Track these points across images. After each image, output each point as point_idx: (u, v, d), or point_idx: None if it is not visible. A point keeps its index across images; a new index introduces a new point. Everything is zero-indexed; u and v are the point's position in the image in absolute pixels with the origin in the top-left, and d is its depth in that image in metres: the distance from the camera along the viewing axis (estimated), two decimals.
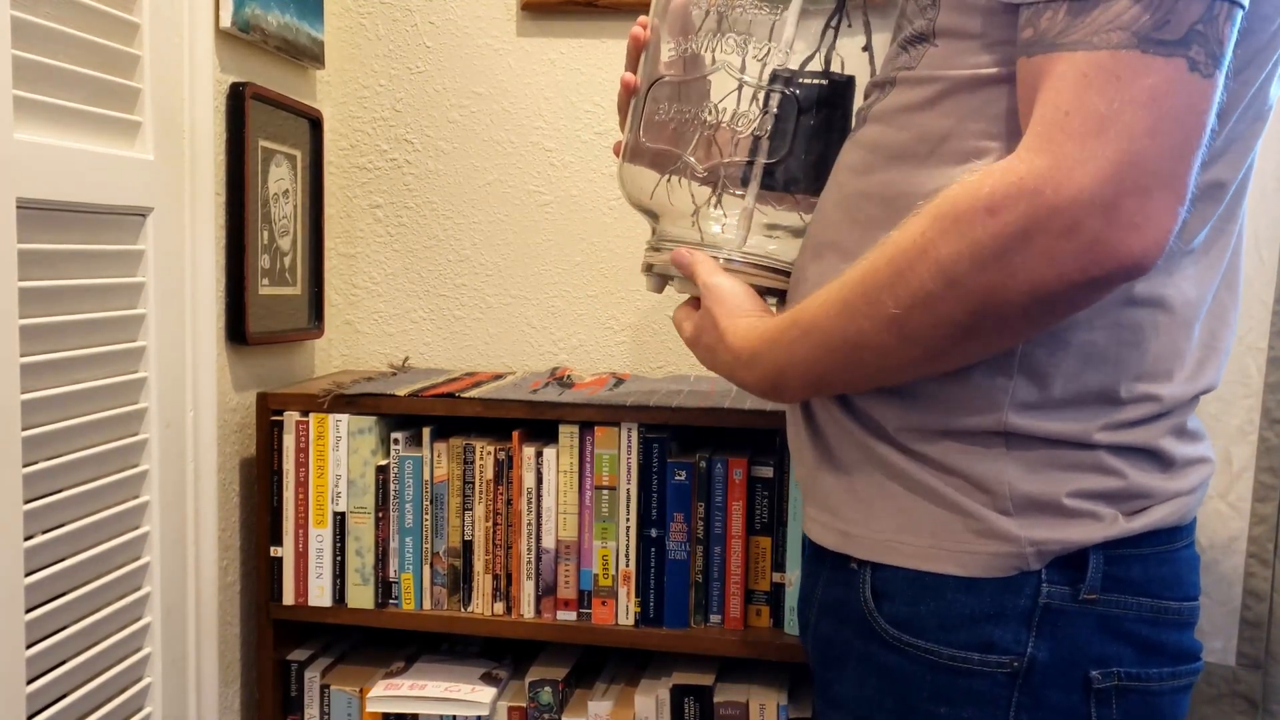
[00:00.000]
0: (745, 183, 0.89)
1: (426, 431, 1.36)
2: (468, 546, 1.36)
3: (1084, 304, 0.66)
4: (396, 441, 1.36)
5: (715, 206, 0.89)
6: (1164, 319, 0.73)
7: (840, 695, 0.81)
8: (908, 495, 0.76)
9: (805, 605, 0.91)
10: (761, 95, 0.88)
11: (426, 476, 1.35)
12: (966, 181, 0.64)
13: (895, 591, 0.77)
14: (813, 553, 0.88)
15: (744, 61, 0.89)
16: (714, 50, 0.88)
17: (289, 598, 1.38)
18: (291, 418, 1.36)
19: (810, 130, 0.87)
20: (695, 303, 0.89)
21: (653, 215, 0.95)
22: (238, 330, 1.37)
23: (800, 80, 0.87)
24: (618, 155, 0.96)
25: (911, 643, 0.75)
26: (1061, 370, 0.72)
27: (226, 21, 1.31)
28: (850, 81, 0.89)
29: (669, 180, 0.90)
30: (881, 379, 0.75)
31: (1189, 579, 0.78)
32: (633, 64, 0.95)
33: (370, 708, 1.39)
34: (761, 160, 0.88)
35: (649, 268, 0.95)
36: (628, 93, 0.94)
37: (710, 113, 0.88)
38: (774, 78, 0.87)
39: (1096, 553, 0.73)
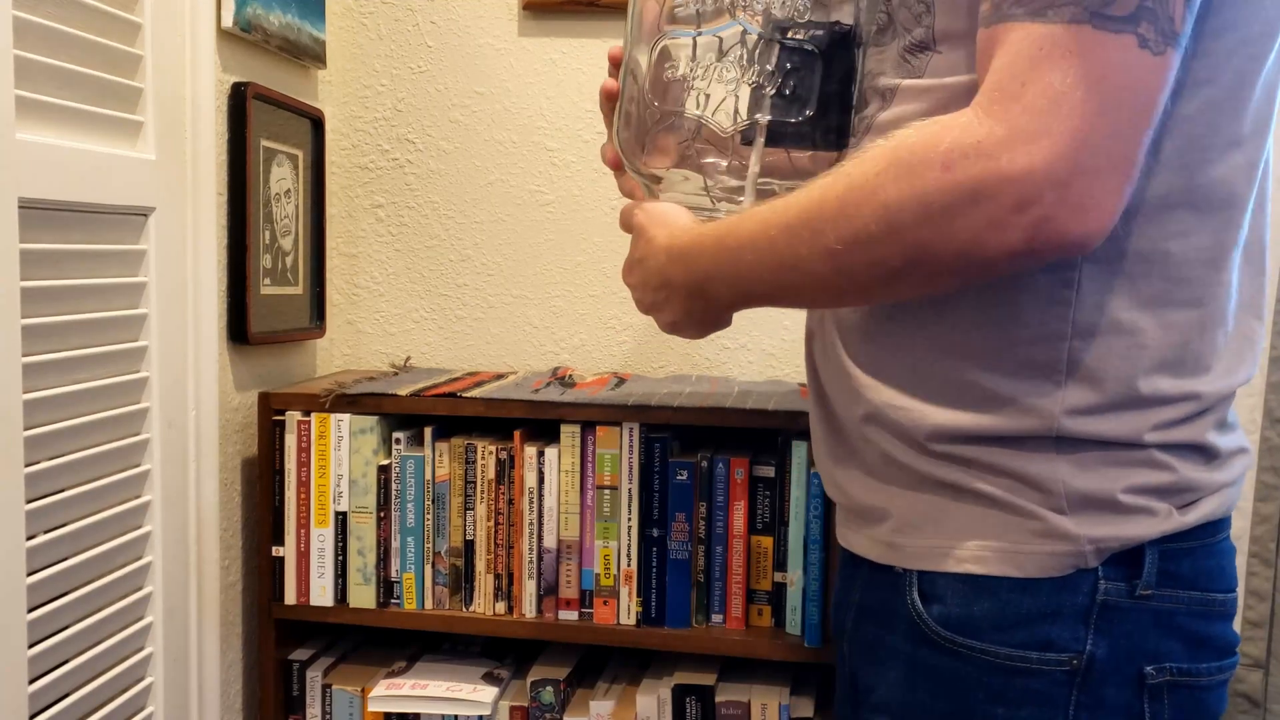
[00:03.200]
0: (748, 142, 0.87)
1: (428, 431, 1.36)
2: (469, 546, 1.36)
3: (1010, 271, 0.67)
4: (398, 441, 1.36)
5: (720, 171, 0.88)
6: (1203, 316, 0.73)
7: (887, 700, 0.80)
8: (954, 503, 0.75)
9: (841, 610, 0.89)
10: (762, 46, 0.85)
11: (428, 476, 1.36)
12: (926, 131, 0.65)
13: (945, 594, 0.76)
14: (848, 557, 0.87)
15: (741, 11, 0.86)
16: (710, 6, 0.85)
17: (291, 597, 1.38)
18: (293, 417, 1.36)
19: (815, 81, 0.84)
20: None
21: (655, 179, 0.93)
22: (239, 330, 1.37)
23: (801, 32, 0.84)
24: (606, 162, 0.95)
25: (966, 644, 0.74)
26: (1111, 373, 0.72)
27: (228, 21, 1.31)
28: (850, 32, 0.85)
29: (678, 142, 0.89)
30: (804, 302, 0.79)
31: (1230, 570, 0.78)
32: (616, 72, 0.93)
33: (372, 707, 1.39)
34: (764, 116, 0.85)
35: None
36: (609, 100, 0.92)
37: (710, 70, 0.86)
38: (774, 28, 0.83)
39: (1152, 548, 0.73)
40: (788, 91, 0.84)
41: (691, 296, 0.81)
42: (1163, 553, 0.73)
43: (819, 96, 0.83)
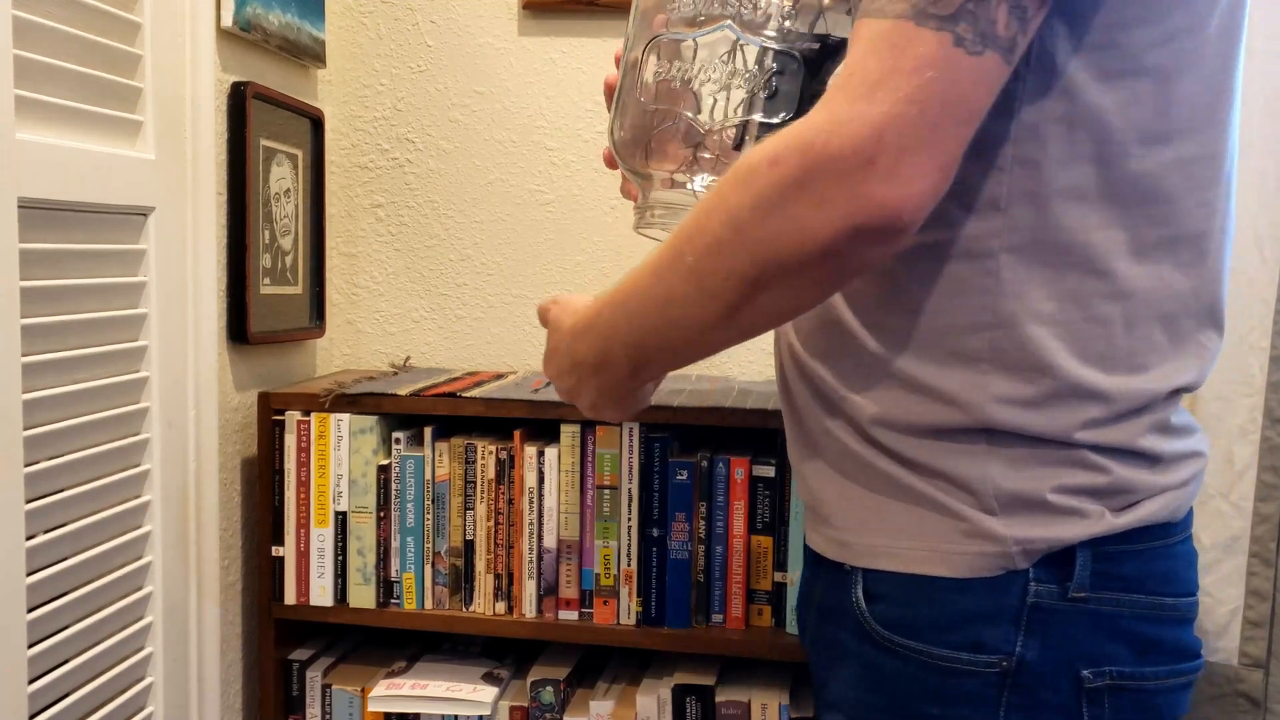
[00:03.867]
0: (739, 146, 0.88)
1: (428, 431, 1.36)
2: (469, 546, 1.36)
3: (856, 260, 0.68)
4: (398, 441, 1.36)
5: (707, 170, 0.90)
6: (1129, 310, 0.73)
7: (837, 697, 0.82)
8: (895, 501, 0.77)
9: (804, 608, 0.91)
10: (754, 52, 0.86)
11: (428, 476, 1.35)
12: (760, 143, 0.69)
13: (887, 593, 0.77)
14: (812, 556, 0.88)
15: (737, 17, 0.88)
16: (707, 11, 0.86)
17: (290, 597, 1.38)
18: (293, 417, 1.36)
19: (805, 89, 0.86)
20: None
21: (645, 178, 0.94)
22: (239, 330, 1.37)
23: (793, 42, 0.86)
24: (609, 164, 0.96)
25: (904, 644, 0.75)
26: (1034, 363, 0.72)
27: (228, 21, 1.31)
28: (842, 44, 0.85)
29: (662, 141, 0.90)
30: (693, 341, 0.77)
31: (1186, 574, 0.77)
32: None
33: (372, 707, 1.39)
34: (757, 118, 0.86)
35: (640, 226, 0.95)
36: (610, 95, 0.95)
37: (704, 72, 0.88)
38: (767, 36, 0.85)
39: (1084, 550, 0.72)
40: (772, 95, 0.85)
41: (598, 371, 0.83)
42: (1098, 555, 0.73)
43: (800, 100, 0.84)
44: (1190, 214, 0.73)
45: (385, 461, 1.37)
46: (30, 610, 1.00)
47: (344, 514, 1.37)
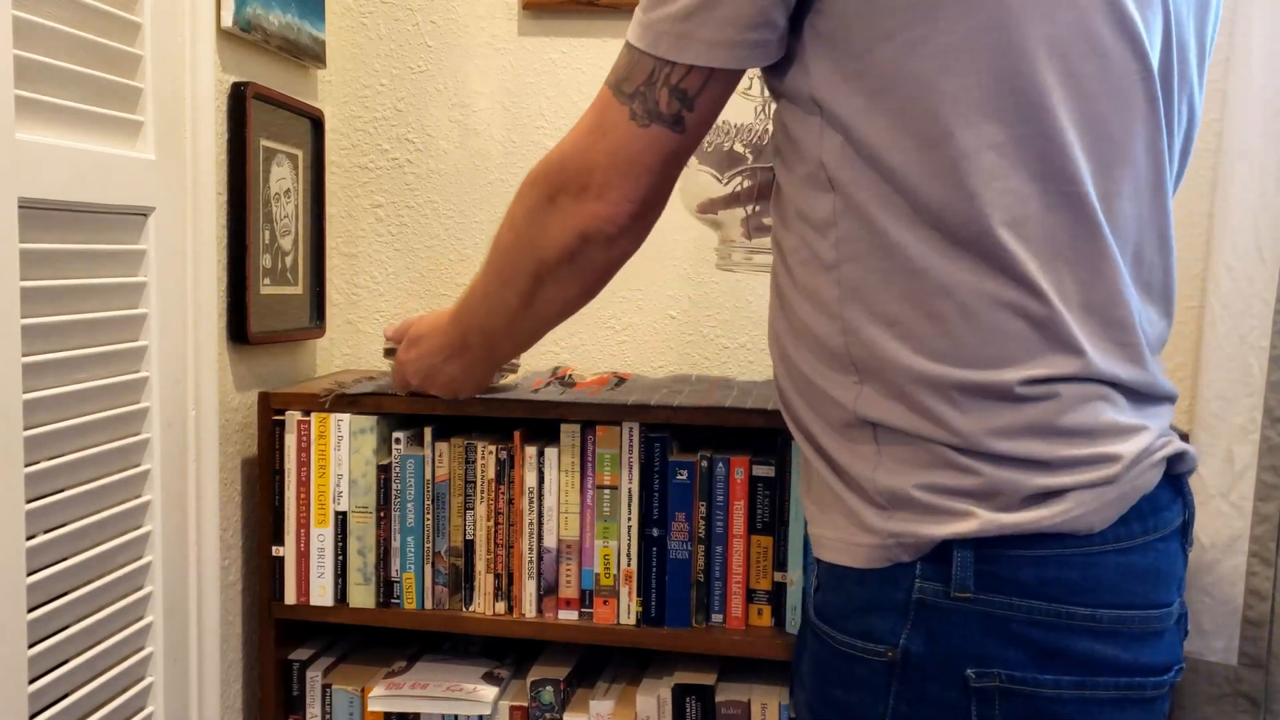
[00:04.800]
0: (760, 195, 1.15)
1: (428, 431, 1.36)
2: (469, 546, 1.36)
3: (590, 260, 0.92)
4: (398, 441, 1.36)
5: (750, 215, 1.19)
6: (958, 306, 0.74)
7: (800, 675, 0.88)
8: (826, 494, 0.83)
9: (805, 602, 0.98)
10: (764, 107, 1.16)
11: (428, 476, 1.35)
12: (534, 166, 0.92)
13: (822, 583, 0.84)
14: None
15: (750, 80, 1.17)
16: None
17: (291, 597, 1.38)
18: (293, 417, 1.36)
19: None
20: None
21: (716, 225, 1.26)
22: (239, 330, 1.37)
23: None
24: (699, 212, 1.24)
25: (823, 629, 0.82)
26: (887, 361, 0.77)
27: (228, 21, 1.31)
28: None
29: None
30: (509, 328, 1.04)
31: (1117, 586, 0.75)
32: None
33: (372, 707, 1.39)
34: (758, 165, 1.13)
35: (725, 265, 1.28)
36: None
37: (724, 131, 1.18)
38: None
39: (963, 549, 0.74)
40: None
41: (458, 355, 1.13)
42: (982, 556, 0.74)
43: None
44: (995, 203, 0.73)
45: (385, 461, 1.37)
46: (30, 610, 1.01)
47: (344, 514, 1.37)
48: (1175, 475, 0.81)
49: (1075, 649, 0.74)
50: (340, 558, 1.37)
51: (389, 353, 1.28)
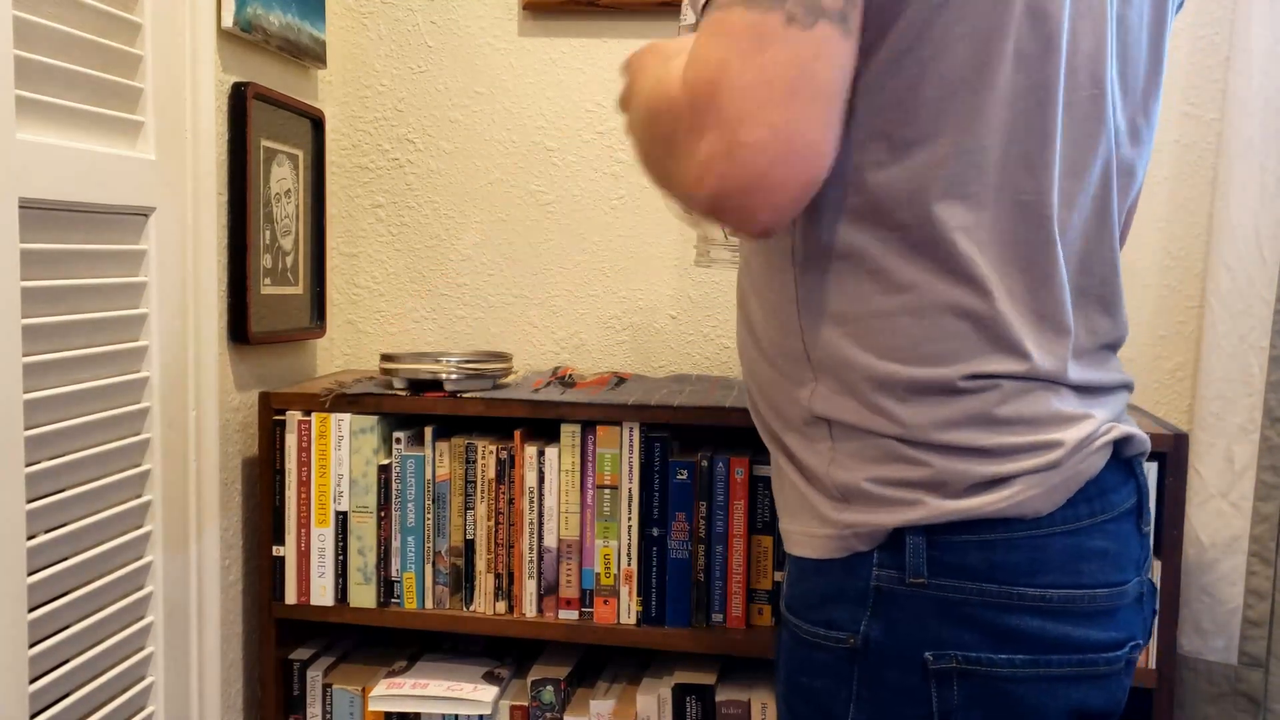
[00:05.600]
0: None
1: (428, 431, 1.36)
2: (470, 546, 1.36)
3: (709, 194, 0.72)
4: (398, 441, 1.36)
5: None
6: (911, 303, 0.75)
7: (776, 665, 0.89)
8: (790, 491, 0.84)
9: None
10: None
11: (428, 476, 1.36)
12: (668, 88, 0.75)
13: (791, 576, 0.85)
14: None
15: None
16: None
17: (291, 597, 1.38)
18: (294, 417, 1.36)
19: None
20: None
21: (695, 222, 1.18)
22: (240, 330, 1.38)
23: None
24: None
25: (791, 620, 0.83)
26: (840, 358, 0.78)
27: (228, 21, 1.31)
28: None
29: None
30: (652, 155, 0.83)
31: (1064, 566, 0.76)
32: None
33: (372, 707, 1.39)
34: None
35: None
36: None
37: None
38: None
39: (915, 536, 0.76)
40: None
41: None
42: (933, 542, 0.75)
43: None
44: (952, 209, 0.74)
45: (386, 461, 1.37)
46: (31, 610, 1.01)
47: (344, 514, 1.37)
48: (1126, 459, 0.82)
49: (1026, 628, 0.76)
50: (341, 557, 1.37)
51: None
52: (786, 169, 0.67)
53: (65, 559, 1.06)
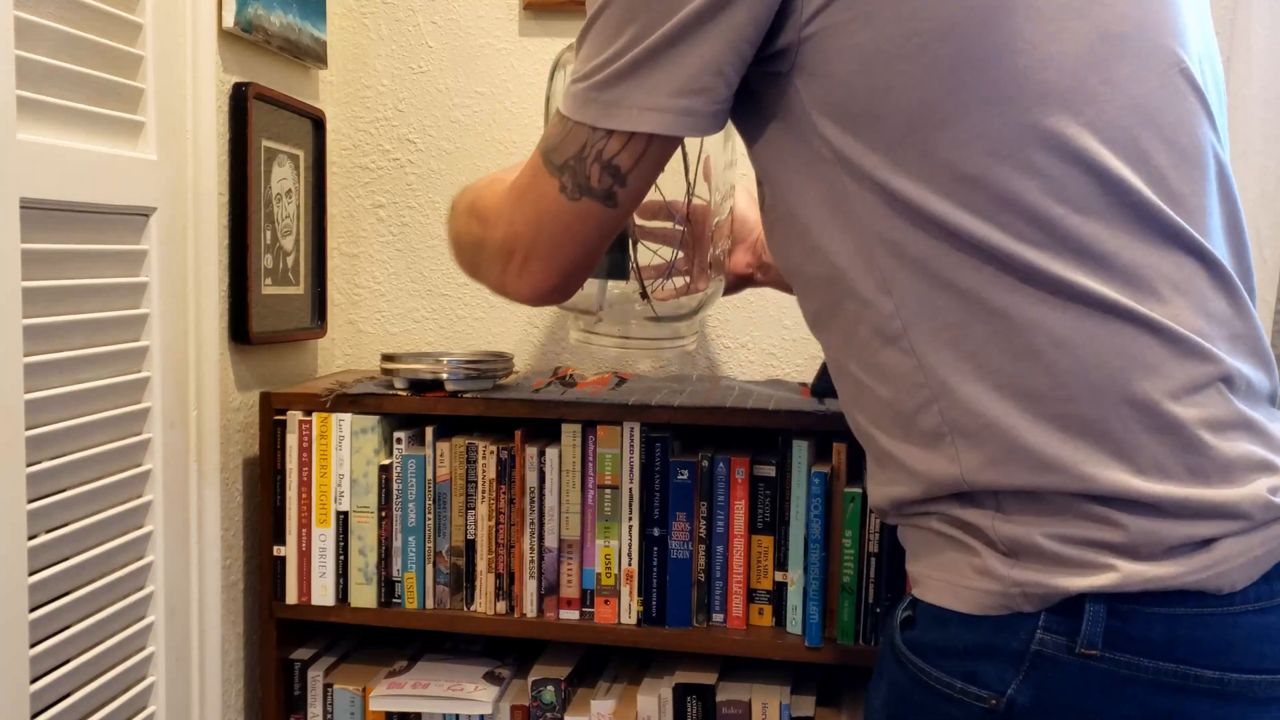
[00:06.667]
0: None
1: (429, 431, 1.36)
2: (470, 546, 1.36)
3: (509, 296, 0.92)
4: (399, 441, 1.36)
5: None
6: (1048, 334, 0.70)
7: (871, 702, 0.84)
8: (933, 535, 0.78)
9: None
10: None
11: (429, 476, 1.36)
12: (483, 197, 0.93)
13: (919, 619, 0.79)
14: None
15: None
16: None
17: (292, 597, 1.38)
18: (294, 417, 1.36)
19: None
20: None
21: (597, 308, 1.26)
22: (241, 330, 1.38)
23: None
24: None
25: (913, 661, 0.77)
26: (983, 421, 0.72)
27: (229, 21, 1.31)
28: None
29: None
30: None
31: (1249, 647, 0.69)
32: None
33: (373, 707, 1.39)
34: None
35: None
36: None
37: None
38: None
39: (1096, 604, 0.69)
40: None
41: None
42: (1114, 610, 0.69)
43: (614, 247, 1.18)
44: (1012, 226, 0.70)
45: (386, 461, 1.37)
46: (32, 610, 1.01)
47: (345, 514, 1.37)
48: None
49: (1194, 712, 0.69)
50: (342, 557, 1.37)
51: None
52: (548, 291, 0.87)
53: (66, 559, 1.06)
